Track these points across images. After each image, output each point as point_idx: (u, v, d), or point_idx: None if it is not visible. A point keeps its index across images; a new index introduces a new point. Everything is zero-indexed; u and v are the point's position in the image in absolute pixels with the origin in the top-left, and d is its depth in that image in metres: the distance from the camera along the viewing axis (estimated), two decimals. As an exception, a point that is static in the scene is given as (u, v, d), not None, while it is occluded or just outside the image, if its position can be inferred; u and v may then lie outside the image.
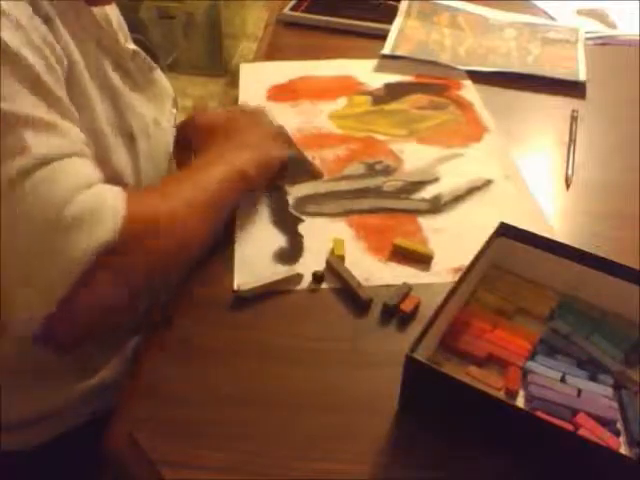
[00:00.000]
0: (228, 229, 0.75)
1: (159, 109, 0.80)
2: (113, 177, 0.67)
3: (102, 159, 0.65)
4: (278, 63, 1.16)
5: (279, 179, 0.82)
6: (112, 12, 0.77)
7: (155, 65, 0.82)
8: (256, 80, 1.09)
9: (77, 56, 0.64)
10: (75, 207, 0.53)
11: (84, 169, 0.57)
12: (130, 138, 0.71)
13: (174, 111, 0.84)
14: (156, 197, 0.63)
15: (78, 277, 0.53)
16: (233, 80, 1.11)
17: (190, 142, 0.80)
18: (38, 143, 0.53)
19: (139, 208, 0.59)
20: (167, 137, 0.81)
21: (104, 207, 0.55)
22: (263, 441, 0.56)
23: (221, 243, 0.73)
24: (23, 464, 0.69)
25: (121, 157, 0.70)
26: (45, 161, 0.53)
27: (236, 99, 1.05)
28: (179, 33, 2.59)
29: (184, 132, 0.83)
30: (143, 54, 0.78)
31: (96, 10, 0.70)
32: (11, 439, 0.68)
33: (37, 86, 0.54)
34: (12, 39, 0.53)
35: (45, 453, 0.70)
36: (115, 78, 0.71)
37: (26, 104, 0.53)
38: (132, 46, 0.77)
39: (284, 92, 1.06)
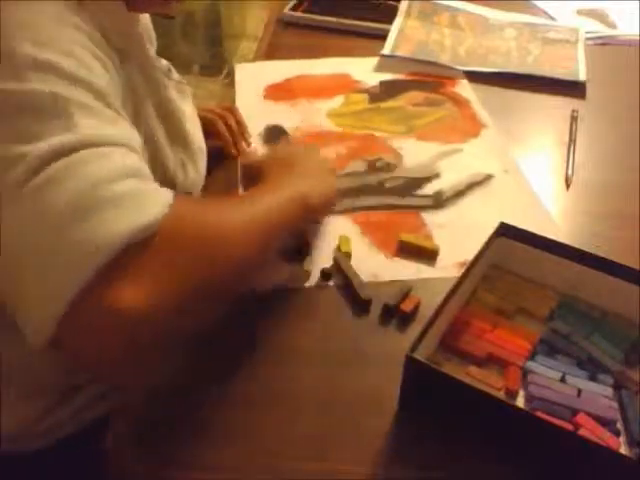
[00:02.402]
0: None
1: (198, 129, 0.81)
2: None
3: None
4: (274, 62, 1.16)
5: None
6: (148, 22, 0.78)
7: (183, 80, 0.82)
8: (252, 80, 1.10)
9: (145, 93, 0.64)
10: (119, 188, 0.47)
11: (138, 162, 0.51)
12: (183, 167, 0.72)
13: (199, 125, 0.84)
14: (210, 210, 0.57)
15: (103, 266, 0.45)
16: (233, 80, 1.11)
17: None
18: (90, 125, 0.49)
19: (188, 209, 0.53)
20: (205, 162, 0.81)
21: (149, 194, 0.49)
22: (263, 441, 0.56)
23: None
24: (24, 465, 0.69)
25: (177, 189, 0.70)
26: (91, 143, 0.48)
27: (234, 99, 1.05)
28: (179, 33, 2.59)
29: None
30: (174, 70, 0.79)
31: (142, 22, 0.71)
32: (12, 444, 0.68)
33: (97, 91, 0.52)
34: (81, 48, 0.52)
35: (46, 454, 0.70)
36: (171, 104, 0.71)
37: (84, 96, 0.50)
38: (164, 62, 0.77)
39: (280, 91, 1.07)
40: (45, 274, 0.46)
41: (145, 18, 0.78)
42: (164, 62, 0.78)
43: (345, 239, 0.75)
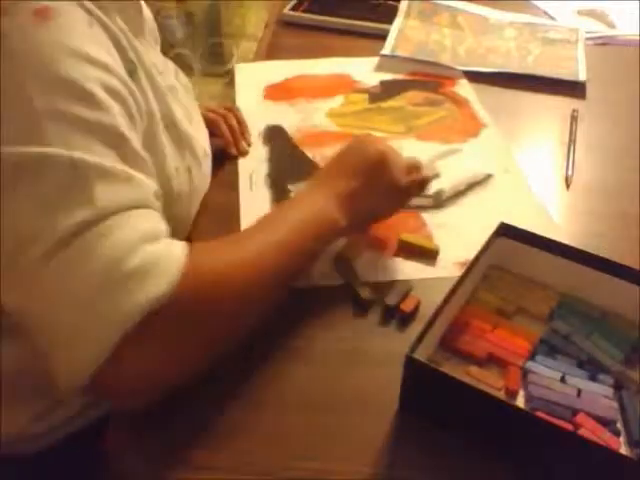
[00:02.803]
0: (233, 229, 0.75)
1: (202, 131, 0.80)
2: (175, 216, 0.67)
3: (168, 201, 0.64)
4: (274, 62, 1.16)
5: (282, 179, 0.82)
6: (153, 24, 0.78)
7: (188, 79, 0.82)
8: (252, 80, 1.10)
9: (154, 104, 0.64)
10: (135, 260, 0.50)
11: (149, 222, 0.53)
12: (189, 172, 0.72)
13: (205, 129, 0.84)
14: (224, 253, 0.57)
15: (125, 335, 0.49)
16: (233, 80, 1.11)
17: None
18: (104, 194, 0.50)
19: (203, 264, 0.54)
20: (210, 163, 0.81)
21: (162, 262, 0.51)
22: (263, 441, 0.56)
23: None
24: (24, 466, 0.69)
25: (182, 194, 0.70)
26: (109, 213, 0.50)
27: (234, 99, 1.05)
28: (179, 33, 2.58)
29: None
30: (180, 71, 0.78)
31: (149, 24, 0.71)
32: (12, 444, 0.68)
33: (112, 135, 0.53)
34: (93, 84, 0.52)
35: (46, 454, 0.69)
36: (176, 110, 0.70)
37: (99, 153, 0.51)
38: (171, 64, 0.77)
39: (280, 91, 1.07)
40: (70, 345, 0.50)
41: (151, 21, 0.78)
42: (171, 65, 0.78)
43: (353, 242, 0.75)
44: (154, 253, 0.51)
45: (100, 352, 0.49)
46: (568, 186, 0.89)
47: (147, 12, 0.76)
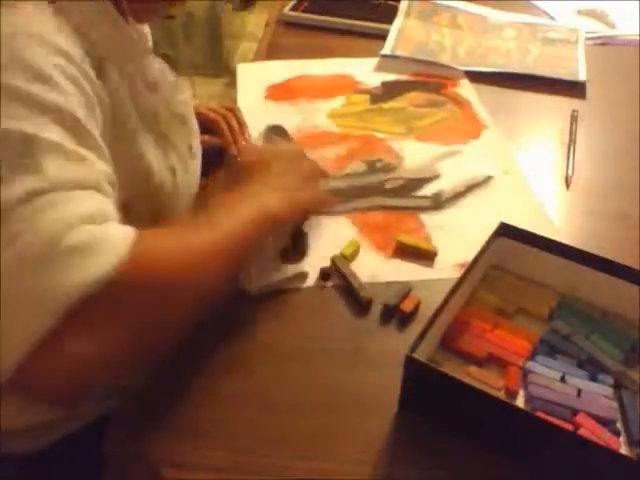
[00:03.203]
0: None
1: (190, 132, 0.80)
2: (158, 213, 0.66)
3: (150, 200, 0.64)
4: (275, 63, 1.16)
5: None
6: (145, 27, 0.77)
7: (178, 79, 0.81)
8: (254, 80, 1.10)
9: (128, 102, 0.64)
10: (74, 238, 0.48)
11: (96, 204, 0.51)
12: (172, 171, 0.71)
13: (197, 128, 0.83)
14: (172, 240, 0.56)
15: (58, 318, 0.46)
16: (233, 80, 1.11)
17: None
18: (55, 168, 0.49)
19: (149, 249, 0.52)
20: (198, 162, 0.80)
21: (105, 242, 0.49)
22: (263, 441, 0.56)
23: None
24: (24, 466, 0.69)
25: (165, 192, 0.69)
26: (55, 187, 0.49)
27: (235, 99, 1.05)
28: (179, 33, 2.59)
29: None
30: (169, 69, 0.78)
31: (138, 29, 0.70)
32: (12, 443, 0.68)
33: (67, 118, 0.52)
34: (52, 68, 0.52)
35: (46, 454, 0.70)
36: (158, 109, 0.70)
37: (51, 131, 0.51)
38: (160, 63, 0.77)
39: (281, 91, 1.07)
40: (5, 322, 0.47)
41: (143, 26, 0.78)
42: (159, 65, 0.77)
43: (352, 243, 0.75)
44: (97, 233, 0.49)
45: (30, 334, 0.46)
46: (568, 186, 0.89)
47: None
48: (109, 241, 0.49)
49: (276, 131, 0.96)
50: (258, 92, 1.06)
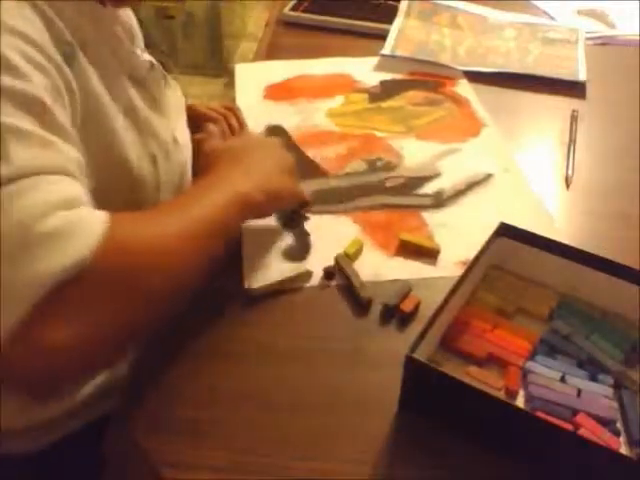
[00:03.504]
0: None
1: (175, 124, 0.80)
2: (136, 202, 0.66)
3: (129, 188, 0.63)
4: (273, 62, 1.16)
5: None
6: (131, 20, 0.77)
7: (168, 75, 0.81)
8: (252, 80, 1.10)
9: (101, 89, 0.63)
10: (49, 224, 0.47)
11: (67, 189, 0.51)
12: (152, 160, 0.71)
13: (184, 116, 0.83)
14: (145, 224, 0.56)
15: (33, 306, 0.46)
16: (232, 80, 1.11)
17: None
18: (22, 154, 0.49)
19: (123, 233, 0.52)
20: (184, 154, 0.80)
21: (79, 227, 0.49)
22: (263, 441, 0.56)
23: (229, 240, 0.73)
24: (23, 466, 0.69)
25: (146, 181, 0.69)
26: (24, 174, 0.48)
27: (234, 99, 1.05)
28: (179, 33, 2.59)
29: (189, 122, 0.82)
30: (159, 65, 0.78)
31: (119, 19, 0.70)
32: (12, 443, 0.68)
33: (32, 103, 0.51)
34: (14, 53, 0.51)
35: (46, 454, 0.70)
36: (137, 99, 0.69)
37: (15, 116, 0.50)
38: (148, 57, 0.77)
39: (280, 91, 1.07)
40: None
41: (128, 17, 0.77)
42: (147, 58, 0.77)
43: (355, 242, 0.75)
44: (70, 218, 0.49)
45: (5, 322, 0.46)
46: (568, 186, 0.89)
47: (131, 16, 0.76)
48: (83, 226, 0.49)
49: (276, 131, 0.96)
50: (257, 92, 1.06)
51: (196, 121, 0.85)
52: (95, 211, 0.52)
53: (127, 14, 0.76)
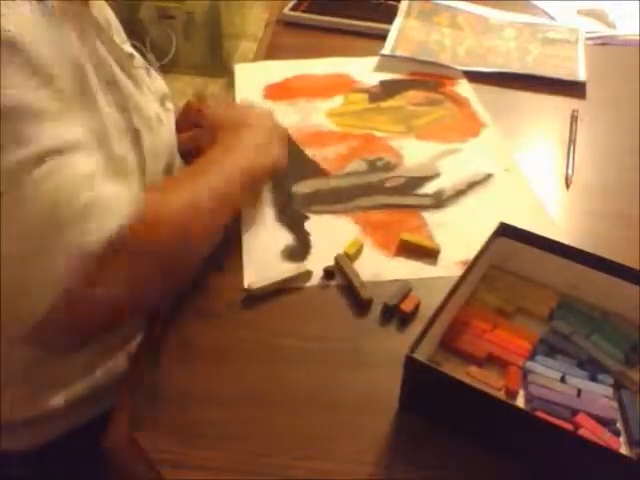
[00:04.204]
0: (233, 228, 0.75)
1: (158, 108, 0.80)
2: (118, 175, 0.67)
3: (108, 158, 0.64)
4: (273, 62, 1.16)
5: (282, 178, 0.83)
6: (110, 15, 0.77)
7: (150, 67, 0.82)
8: (252, 80, 1.10)
9: (85, 59, 0.63)
10: (83, 199, 0.52)
11: (93, 163, 0.56)
12: (135, 134, 0.70)
13: (170, 106, 0.84)
14: (166, 195, 0.63)
15: (80, 272, 0.52)
16: (233, 80, 1.11)
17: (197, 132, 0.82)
18: (44, 134, 0.52)
19: (150, 204, 0.58)
20: (169, 132, 0.81)
21: (113, 200, 0.54)
22: (263, 441, 0.56)
23: (228, 241, 0.73)
24: (23, 464, 0.69)
25: (127, 155, 0.69)
26: (50, 153, 0.52)
27: (234, 99, 1.05)
28: (179, 33, 2.59)
29: (187, 118, 0.85)
30: (139, 56, 0.78)
31: (95, 12, 0.70)
32: (11, 441, 0.68)
33: (44, 77, 0.53)
34: (21, 31, 0.52)
35: (45, 453, 0.70)
36: (119, 74, 0.70)
37: (34, 96, 0.52)
38: (129, 49, 0.77)
39: (280, 91, 1.07)
40: (25, 286, 0.53)
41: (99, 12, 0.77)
42: (127, 49, 0.77)
43: (355, 242, 0.75)
44: (105, 191, 0.54)
45: (53, 289, 0.52)
46: (568, 186, 0.89)
47: (109, 11, 0.77)
48: (121, 197, 0.55)
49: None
50: (256, 92, 1.06)
51: (193, 117, 0.86)
52: (118, 184, 0.57)
53: (98, 10, 0.75)
